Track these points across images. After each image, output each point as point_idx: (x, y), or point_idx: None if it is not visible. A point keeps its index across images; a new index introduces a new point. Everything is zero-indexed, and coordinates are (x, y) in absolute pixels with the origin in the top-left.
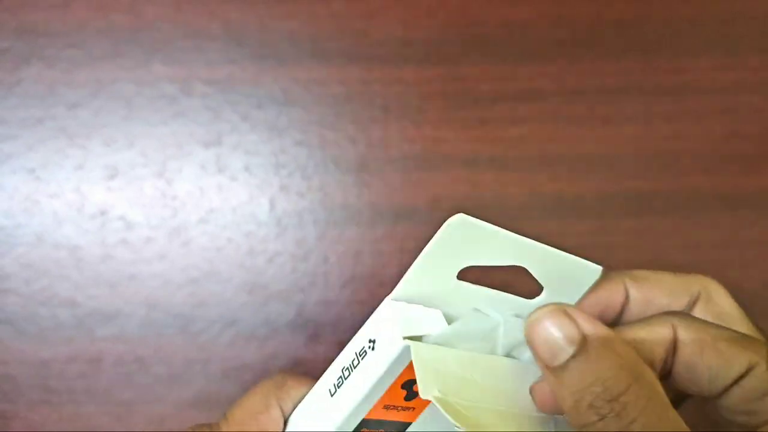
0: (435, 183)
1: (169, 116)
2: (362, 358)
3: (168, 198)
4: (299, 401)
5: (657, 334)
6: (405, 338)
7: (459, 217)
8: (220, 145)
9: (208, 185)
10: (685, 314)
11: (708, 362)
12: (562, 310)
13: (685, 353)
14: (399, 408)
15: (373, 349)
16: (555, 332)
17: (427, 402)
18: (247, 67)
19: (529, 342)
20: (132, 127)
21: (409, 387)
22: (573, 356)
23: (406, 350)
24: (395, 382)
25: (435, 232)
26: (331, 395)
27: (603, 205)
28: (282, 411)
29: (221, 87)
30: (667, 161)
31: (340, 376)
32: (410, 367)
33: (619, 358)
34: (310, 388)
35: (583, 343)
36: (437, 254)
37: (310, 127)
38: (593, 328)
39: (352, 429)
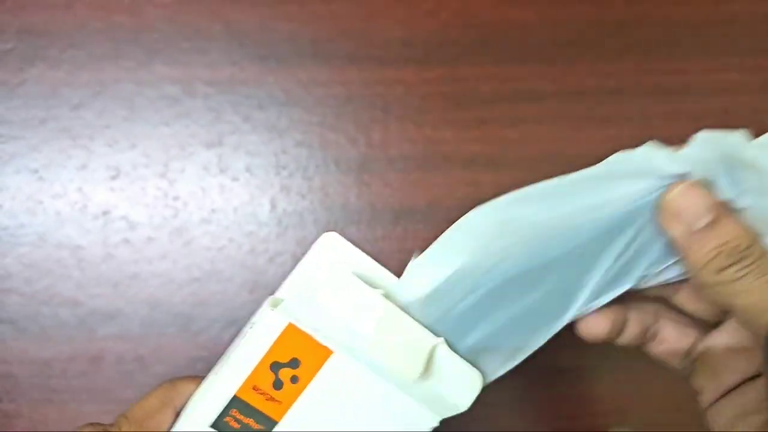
0: (435, 183)
1: (171, 117)
2: (240, 339)
3: (170, 198)
4: (189, 397)
5: None
6: (272, 307)
7: (330, 235)
8: (221, 145)
9: (210, 185)
10: None
11: None
12: (699, 184)
13: None
14: (267, 396)
15: (251, 328)
16: (699, 200)
17: (293, 399)
18: (249, 68)
19: (672, 211)
20: (134, 127)
21: (276, 370)
22: (712, 221)
23: (276, 321)
24: (264, 359)
25: (435, 232)
26: (209, 379)
27: None
28: (175, 407)
29: (223, 88)
30: None
31: (221, 361)
32: (279, 345)
33: (740, 223)
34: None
35: (718, 210)
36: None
37: (310, 127)
38: (718, 201)
39: (222, 406)
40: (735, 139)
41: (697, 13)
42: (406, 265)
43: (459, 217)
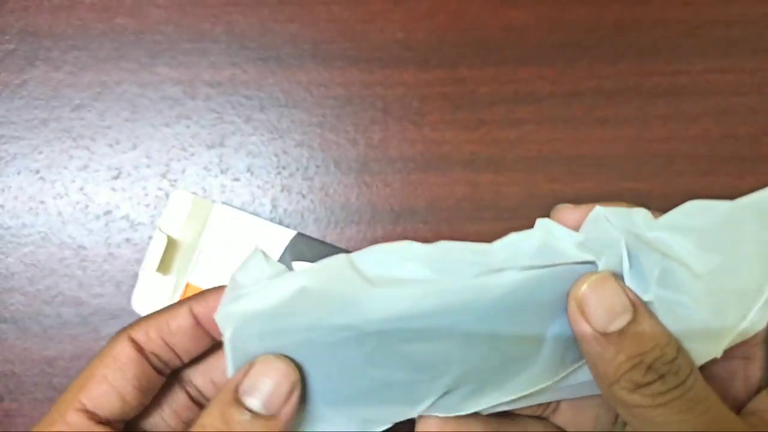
0: (434, 183)
1: (173, 118)
2: None
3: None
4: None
5: None
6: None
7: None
8: (222, 146)
9: (211, 186)
10: None
11: None
12: (613, 276)
13: None
14: None
15: None
16: (613, 298)
17: None
18: (250, 70)
19: (582, 308)
20: (136, 128)
21: None
22: (630, 322)
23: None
24: None
25: (435, 232)
26: None
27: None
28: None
29: (224, 89)
30: (663, 163)
31: None
32: None
33: (664, 326)
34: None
35: (636, 309)
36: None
37: (311, 128)
38: (635, 296)
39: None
40: (638, 218)
41: (695, 14)
42: None
43: (459, 218)
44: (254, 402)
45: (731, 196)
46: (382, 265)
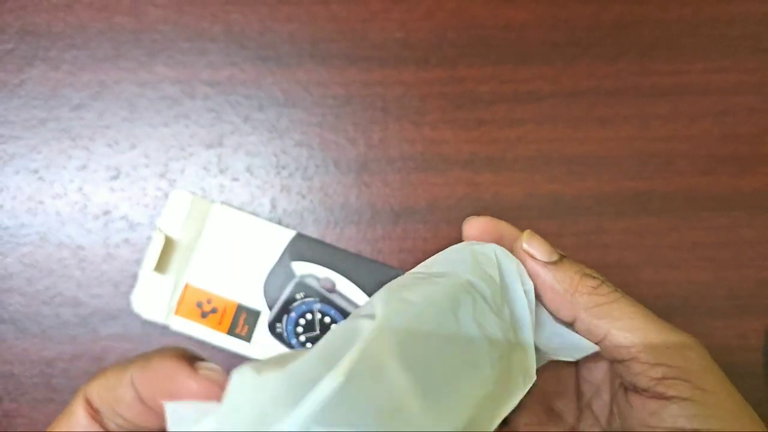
0: (434, 183)
1: (171, 117)
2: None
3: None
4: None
5: None
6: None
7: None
8: (221, 146)
9: (210, 186)
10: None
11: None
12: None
13: None
14: None
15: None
16: (543, 243)
17: None
18: (249, 69)
19: (529, 252)
20: (134, 128)
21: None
22: (560, 257)
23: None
24: None
25: (434, 232)
26: None
27: (600, 206)
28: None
29: (223, 88)
30: (663, 162)
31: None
32: None
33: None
34: None
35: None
36: None
37: (310, 128)
38: None
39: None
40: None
41: (695, 13)
42: (406, 265)
43: (459, 217)
44: None
45: (731, 196)
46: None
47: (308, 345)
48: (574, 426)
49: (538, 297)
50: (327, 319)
